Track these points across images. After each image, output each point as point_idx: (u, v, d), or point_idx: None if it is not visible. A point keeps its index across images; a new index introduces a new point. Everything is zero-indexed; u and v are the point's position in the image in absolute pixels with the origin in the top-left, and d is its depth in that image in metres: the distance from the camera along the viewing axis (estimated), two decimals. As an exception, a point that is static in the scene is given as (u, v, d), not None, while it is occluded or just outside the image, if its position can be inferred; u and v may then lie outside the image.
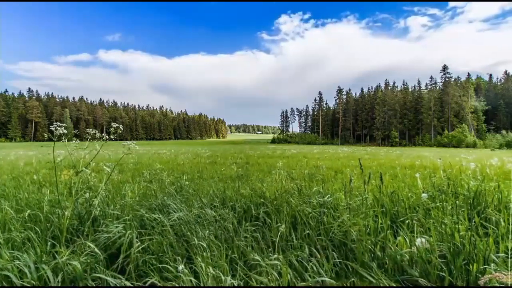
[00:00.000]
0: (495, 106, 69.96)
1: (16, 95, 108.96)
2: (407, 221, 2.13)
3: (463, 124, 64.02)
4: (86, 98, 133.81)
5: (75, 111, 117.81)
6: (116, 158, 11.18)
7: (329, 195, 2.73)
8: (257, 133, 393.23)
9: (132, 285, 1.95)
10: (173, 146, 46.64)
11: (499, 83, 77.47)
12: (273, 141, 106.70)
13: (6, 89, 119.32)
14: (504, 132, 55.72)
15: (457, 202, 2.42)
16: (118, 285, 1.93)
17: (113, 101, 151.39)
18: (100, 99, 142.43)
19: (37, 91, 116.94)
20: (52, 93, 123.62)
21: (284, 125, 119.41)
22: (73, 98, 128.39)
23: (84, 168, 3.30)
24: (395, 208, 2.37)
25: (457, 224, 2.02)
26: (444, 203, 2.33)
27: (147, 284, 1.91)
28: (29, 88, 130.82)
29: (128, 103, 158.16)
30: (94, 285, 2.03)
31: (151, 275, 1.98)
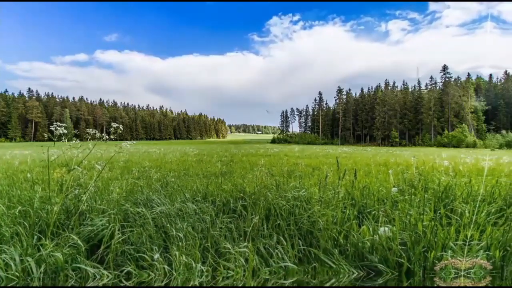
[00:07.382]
0: (495, 106, 69.86)
1: (16, 95, 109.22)
2: (373, 212, 2.21)
3: (463, 124, 63.94)
4: (86, 98, 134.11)
5: (75, 111, 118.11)
6: (110, 157, 11.25)
7: (304, 190, 2.81)
8: (257, 133, 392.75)
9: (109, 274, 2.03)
10: (180, 146, 46.55)
11: (499, 83, 77.39)
12: (273, 141, 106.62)
13: (6, 89, 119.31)
14: (504, 132, 55.69)
15: (426, 195, 2.49)
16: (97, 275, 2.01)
17: (113, 101, 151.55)
18: (100, 99, 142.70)
19: (37, 91, 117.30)
20: (52, 93, 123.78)
21: (284, 125, 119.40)
22: (73, 98, 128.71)
23: (76, 166, 3.39)
24: (364, 201, 2.45)
25: (422, 215, 2.10)
26: (413, 196, 2.41)
27: (123, 273, 2.00)
28: (29, 88, 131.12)
29: (128, 103, 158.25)
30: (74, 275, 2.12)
31: (127, 264, 2.07)
